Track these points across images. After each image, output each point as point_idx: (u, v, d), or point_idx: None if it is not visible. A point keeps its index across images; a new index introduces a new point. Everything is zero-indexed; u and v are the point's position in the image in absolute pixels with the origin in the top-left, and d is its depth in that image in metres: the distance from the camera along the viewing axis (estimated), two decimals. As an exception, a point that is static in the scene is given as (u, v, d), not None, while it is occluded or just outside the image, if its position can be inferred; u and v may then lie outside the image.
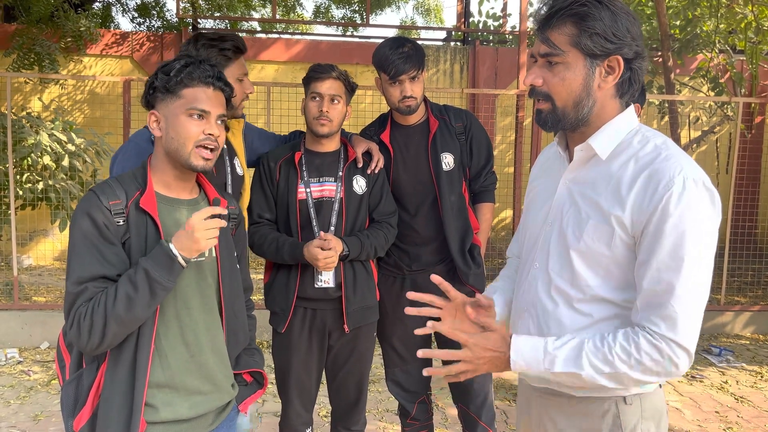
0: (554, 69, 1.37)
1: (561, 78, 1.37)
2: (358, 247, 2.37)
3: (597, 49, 1.33)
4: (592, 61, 1.35)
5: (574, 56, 1.35)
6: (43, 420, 3.67)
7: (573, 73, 1.36)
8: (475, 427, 2.67)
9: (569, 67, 1.36)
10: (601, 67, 1.36)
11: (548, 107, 1.41)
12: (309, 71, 2.39)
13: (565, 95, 1.38)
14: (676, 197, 1.28)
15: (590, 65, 1.35)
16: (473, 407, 2.65)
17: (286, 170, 2.42)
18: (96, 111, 7.85)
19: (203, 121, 1.60)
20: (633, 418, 1.42)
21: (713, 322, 5.69)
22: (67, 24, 7.11)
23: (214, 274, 1.69)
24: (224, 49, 2.16)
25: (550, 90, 1.39)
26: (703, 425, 3.79)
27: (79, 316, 1.50)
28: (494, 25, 8.99)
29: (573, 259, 1.40)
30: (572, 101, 1.38)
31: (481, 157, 2.65)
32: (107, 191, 1.57)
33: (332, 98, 2.35)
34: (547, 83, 1.39)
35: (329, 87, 2.35)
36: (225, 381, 1.73)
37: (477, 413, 2.65)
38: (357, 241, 2.37)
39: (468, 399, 2.65)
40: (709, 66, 6.81)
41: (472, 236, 2.60)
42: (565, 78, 1.36)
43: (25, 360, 4.68)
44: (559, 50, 1.35)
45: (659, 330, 1.30)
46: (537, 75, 1.40)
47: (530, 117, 6.00)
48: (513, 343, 1.39)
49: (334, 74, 2.36)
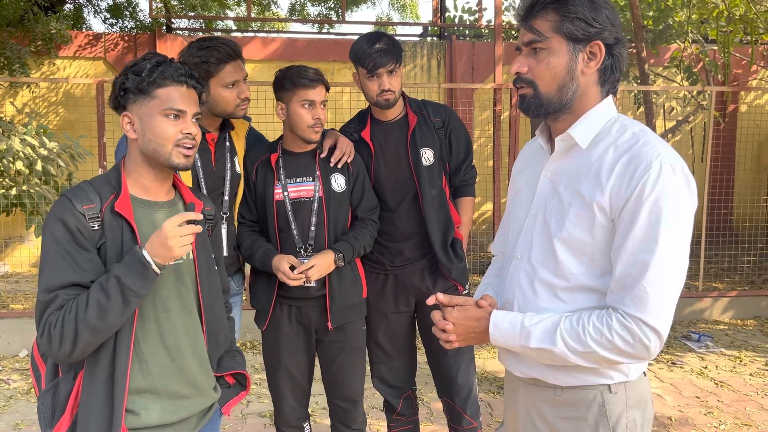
0: (538, 56, 1.41)
1: (546, 64, 1.40)
2: (350, 251, 2.38)
3: (579, 33, 1.38)
4: (575, 45, 1.39)
5: (557, 42, 1.39)
6: (23, 429, 3.62)
7: (557, 58, 1.40)
8: (461, 420, 2.68)
9: (553, 52, 1.40)
10: (584, 52, 1.40)
11: (531, 92, 1.44)
12: (292, 76, 2.32)
13: (549, 79, 1.41)
14: (653, 181, 1.30)
15: (573, 50, 1.39)
16: (458, 401, 2.66)
17: (263, 172, 2.41)
18: (71, 114, 7.74)
19: (179, 120, 1.58)
20: (618, 407, 1.44)
21: (691, 309, 5.77)
22: (37, 27, 6.98)
23: (192, 276, 1.67)
24: (217, 53, 2.20)
25: (535, 76, 1.42)
26: (684, 410, 3.84)
27: (49, 324, 1.47)
28: (470, 20, 9.01)
29: (556, 248, 1.42)
30: (556, 85, 1.41)
31: (460, 151, 2.65)
32: (81, 195, 1.54)
33: (322, 103, 2.34)
34: (531, 70, 1.42)
35: (319, 93, 2.33)
36: (207, 384, 1.71)
37: (462, 406, 2.67)
38: (348, 246, 2.37)
39: (453, 393, 2.66)
40: (683, 56, 6.89)
41: (454, 230, 2.61)
42: (549, 63, 1.40)
43: (3, 369, 4.61)
44: (542, 36, 1.39)
45: (630, 311, 1.32)
46: (522, 63, 1.43)
47: (508, 111, 6.02)
48: (492, 318, 1.45)
49: (322, 80, 2.34)
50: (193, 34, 8.70)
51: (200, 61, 2.20)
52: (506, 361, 1.58)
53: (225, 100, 2.26)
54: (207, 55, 2.20)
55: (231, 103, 2.27)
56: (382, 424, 3.63)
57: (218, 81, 2.23)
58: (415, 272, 2.60)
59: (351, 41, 8.92)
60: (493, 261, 1.83)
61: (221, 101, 2.26)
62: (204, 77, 2.20)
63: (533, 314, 1.43)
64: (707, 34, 7.22)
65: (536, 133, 1.58)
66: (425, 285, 2.60)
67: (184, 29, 9.17)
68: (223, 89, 2.24)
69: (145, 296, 1.50)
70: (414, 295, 2.62)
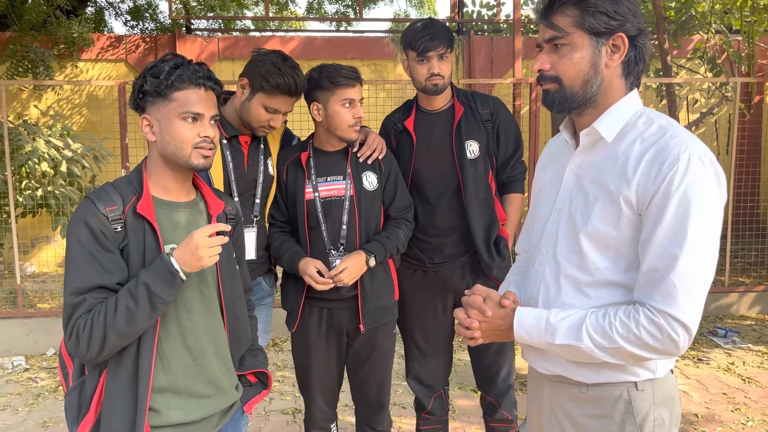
0: (561, 51, 1.40)
1: (569, 59, 1.39)
2: (383, 252, 2.34)
3: (601, 27, 1.36)
4: (597, 39, 1.38)
5: (579, 36, 1.38)
6: (51, 426, 3.68)
7: (580, 53, 1.38)
8: (494, 412, 2.65)
9: (575, 47, 1.38)
10: (607, 45, 1.38)
11: (555, 87, 1.42)
12: (331, 75, 2.26)
13: (573, 74, 1.40)
14: (681, 173, 1.28)
15: (596, 44, 1.38)
16: (495, 395, 2.63)
17: (293, 171, 2.38)
18: (93, 115, 7.84)
19: (197, 123, 1.59)
20: (645, 405, 1.42)
21: (718, 304, 5.68)
22: (60, 30, 7.09)
23: (214, 276, 1.69)
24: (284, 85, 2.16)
25: (558, 71, 1.41)
26: (711, 407, 3.78)
27: (78, 327, 1.50)
28: (488, 15, 8.94)
29: (582, 243, 1.41)
30: (581, 80, 1.40)
31: (508, 145, 2.56)
32: (103, 197, 1.56)
33: (360, 102, 2.32)
34: (554, 66, 1.41)
35: (358, 91, 2.30)
36: (228, 383, 1.72)
37: (498, 400, 2.63)
38: (380, 246, 2.34)
39: (490, 389, 2.64)
40: (706, 47, 6.77)
41: (498, 227, 2.53)
42: (572, 58, 1.39)
43: (31, 367, 4.69)
44: (564, 32, 1.38)
45: (658, 306, 1.30)
46: (544, 60, 1.42)
47: (528, 105, 5.97)
48: (516, 314, 1.44)
49: (360, 78, 2.31)
50: (212, 35, 8.76)
51: (264, 74, 2.16)
52: (530, 358, 1.56)
53: (257, 117, 2.22)
54: (274, 76, 2.15)
55: (259, 122, 2.23)
56: (405, 422, 3.63)
57: (263, 99, 2.19)
58: (455, 270, 2.54)
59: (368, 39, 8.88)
60: (517, 259, 1.81)
61: (254, 115, 2.22)
62: (256, 87, 2.18)
63: (558, 310, 1.41)
64: (731, 24, 7.08)
65: (560, 128, 1.56)
66: (465, 283, 2.52)
67: (203, 30, 9.24)
68: (262, 108, 2.21)
69: (171, 302, 1.53)
70: (453, 294, 2.55)
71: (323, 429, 2.54)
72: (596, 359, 1.37)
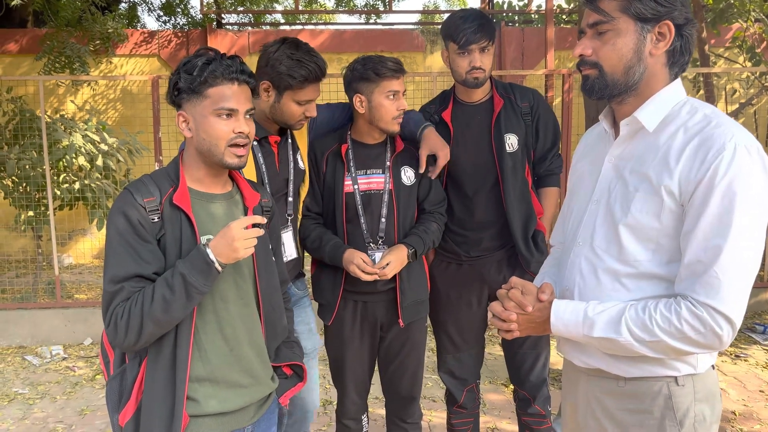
0: (604, 37, 1.37)
1: (612, 45, 1.36)
2: (422, 246, 2.34)
3: (648, 13, 1.33)
4: (643, 26, 1.34)
5: (624, 22, 1.34)
6: (89, 414, 3.77)
7: (624, 39, 1.35)
8: (527, 407, 2.62)
9: (620, 33, 1.35)
10: (652, 33, 1.35)
11: (595, 73, 1.40)
12: (376, 67, 2.24)
13: (615, 61, 1.36)
14: (727, 163, 1.25)
15: (641, 30, 1.34)
16: (528, 389, 2.60)
17: (333, 163, 2.37)
18: (128, 110, 7.97)
19: (232, 119, 1.59)
20: (686, 400, 1.39)
21: (756, 299, 5.54)
22: (95, 26, 7.20)
23: (250, 268, 1.70)
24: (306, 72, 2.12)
25: (600, 58, 1.38)
26: (749, 404, 3.70)
27: (116, 315, 1.52)
28: (519, 5, 8.83)
29: (621, 234, 1.38)
30: (623, 66, 1.36)
31: (547, 139, 2.53)
32: (141, 189, 1.58)
33: (404, 93, 2.31)
34: (596, 52, 1.38)
35: (402, 83, 2.29)
36: (264, 374, 1.73)
37: (532, 395, 2.60)
38: (420, 240, 2.34)
39: (524, 383, 2.61)
40: (745, 35, 6.59)
41: (536, 221, 2.50)
42: (615, 44, 1.36)
43: (69, 356, 4.81)
44: (609, 16, 1.35)
45: (701, 298, 1.27)
46: (586, 45, 1.40)
47: (560, 97, 5.89)
48: (554, 307, 1.42)
49: (403, 69, 2.29)
50: (242, 29, 8.82)
51: (286, 72, 2.13)
52: (566, 351, 1.54)
53: (291, 114, 2.20)
54: (297, 69, 2.12)
55: (295, 118, 2.21)
56: (435, 415, 3.63)
57: (293, 95, 2.17)
58: (492, 264, 2.53)
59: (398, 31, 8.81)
60: (551, 251, 1.78)
61: (287, 113, 2.20)
62: (282, 87, 2.15)
63: (596, 303, 1.39)
64: (771, 11, 6.88)
65: (600, 118, 1.53)
66: (501, 277, 2.50)
67: (234, 24, 9.30)
68: (294, 104, 2.18)
69: (206, 293, 1.54)
70: (488, 287, 2.54)
71: (355, 420, 2.55)
72: (636, 353, 1.34)
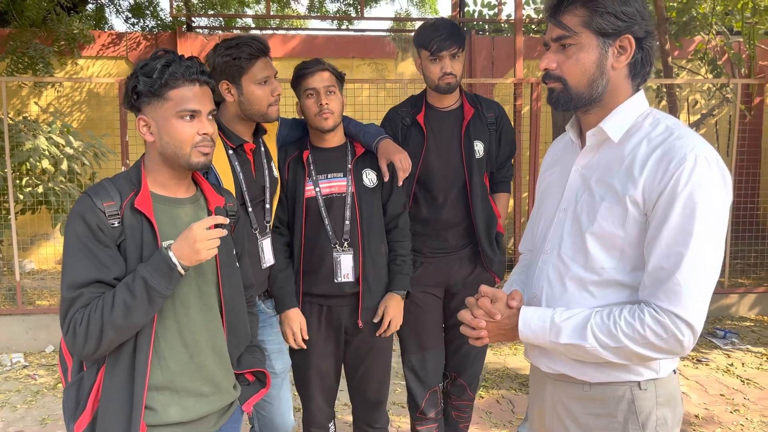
0: (567, 51, 1.40)
1: (575, 59, 1.39)
2: (407, 282, 2.46)
3: (609, 28, 1.36)
4: (605, 40, 1.38)
5: (586, 37, 1.38)
6: (50, 424, 3.68)
7: (586, 53, 1.38)
8: (463, 394, 2.80)
9: (582, 47, 1.38)
10: (614, 47, 1.38)
11: (560, 86, 1.43)
12: (296, 71, 2.36)
13: (579, 75, 1.40)
14: (687, 174, 1.29)
15: (603, 45, 1.38)
16: (465, 378, 2.77)
17: (294, 169, 2.40)
18: (94, 112, 7.83)
19: (195, 120, 1.57)
20: (648, 404, 1.42)
21: (717, 305, 5.68)
22: (60, 27, 7.07)
23: (214, 272, 1.68)
24: (248, 49, 2.17)
25: (564, 72, 1.41)
26: (710, 408, 3.78)
27: (74, 322, 1.49)
28: (489, 14, 8.93)
29: (587, 242, 1.41)
30: (586, 80, 1.40)
31: (507, 148, 2.72)
32: (101, 193, 1.55)
33: (327, 90, 2.32)
34: (560, 66, 1.41)
35: (321, 79, 2.32)
36: (226, 382, 1.71)
37: (468, 382, 2.78)
38: (404, 278, 2.45)
39: (464, 372, 2.76)
40: (707, 48, 6.77)
41: (497, 223, 2.66)
42: (579, 58, 1.39)
43: (30, 364, 4.69)
44: (572, 31, 1.38)
45: (664, 305, 1.30)
46: (551, 60, 1.42)
47: (528, 105, 5.97)
48: (521, 314, 1.43)
49: (321, 66, 2.33)
50: (213, 32, 8.76)
51: (231, 59, 2.16)
52: (533, 356, 1.56)
53: (258, 99, 2.21)
54: (237, 52, 2.16)
55: (264, 102, 2.22)
56: (403, 421, 3.63)
57: (251, 78, 2.19)
58: (455, 261, 2.64)
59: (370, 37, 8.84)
60: (520, 259, 1.81)
61: (255, 100, 2.21)
62: (236, 75, 2.17)
63: (563, 309, 1.41)
64: (732, 25, 7.08)
65: (566, 128, 1.56)
66: (461, 273, 2.65)
67: (204, 28, 9.21)
68: (256, 87, 2.20)
69: (168, 297, 1.51)
70: (446, 283, 2.67)
71: (322, 428, 2.53)
72: (601, 359, 1.37)
